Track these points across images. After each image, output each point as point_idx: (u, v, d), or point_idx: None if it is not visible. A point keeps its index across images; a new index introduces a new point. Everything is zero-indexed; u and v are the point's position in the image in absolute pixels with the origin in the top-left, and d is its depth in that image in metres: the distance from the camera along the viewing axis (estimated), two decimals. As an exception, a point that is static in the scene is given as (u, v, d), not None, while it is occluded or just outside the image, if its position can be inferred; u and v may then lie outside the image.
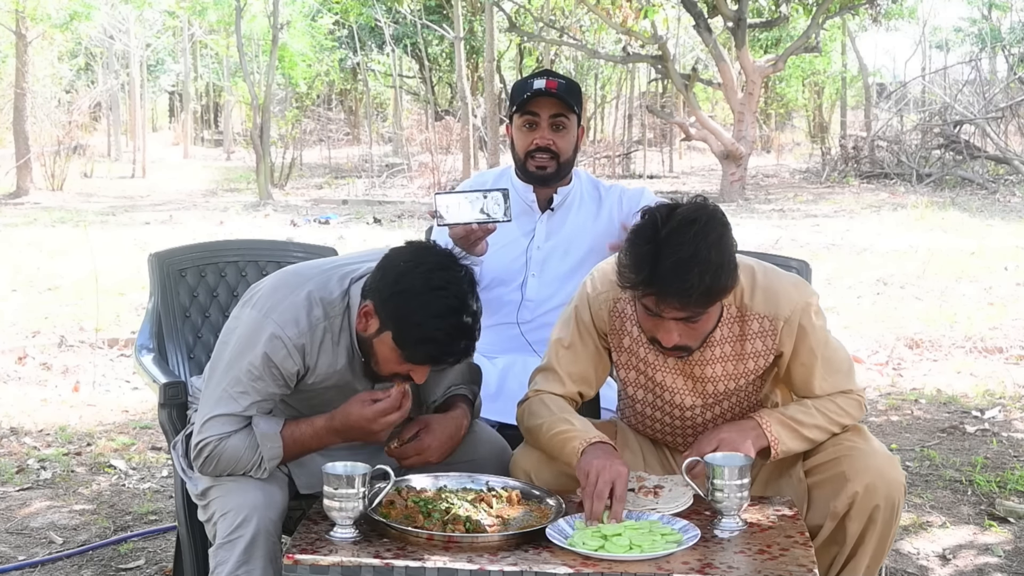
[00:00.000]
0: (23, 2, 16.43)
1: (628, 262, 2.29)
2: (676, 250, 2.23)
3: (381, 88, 30.84)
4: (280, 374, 2.42)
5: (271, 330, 2.40)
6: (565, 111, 3.17)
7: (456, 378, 2.69)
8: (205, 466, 2.44)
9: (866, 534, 2.46)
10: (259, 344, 2.40)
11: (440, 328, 2.27)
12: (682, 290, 2.25)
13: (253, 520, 2.36)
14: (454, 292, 2.29)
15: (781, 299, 2.49)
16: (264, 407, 2.45)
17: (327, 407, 2.52)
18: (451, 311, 2.28)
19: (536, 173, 3.20)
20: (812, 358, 2.53)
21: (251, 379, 2.41)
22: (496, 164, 17.01)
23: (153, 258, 3.14)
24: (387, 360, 2.38)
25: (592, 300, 2.59)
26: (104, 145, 25.42)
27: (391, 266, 2.36)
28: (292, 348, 2.40)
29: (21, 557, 3.61)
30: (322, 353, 2.45)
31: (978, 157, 18.10)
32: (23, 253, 10.52)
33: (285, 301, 2.44)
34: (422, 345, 2.31)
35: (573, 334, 2.62)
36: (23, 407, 5.42)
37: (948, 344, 6.71)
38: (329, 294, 2.45)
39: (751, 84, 16.36)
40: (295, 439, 2.45)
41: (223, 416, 2.42)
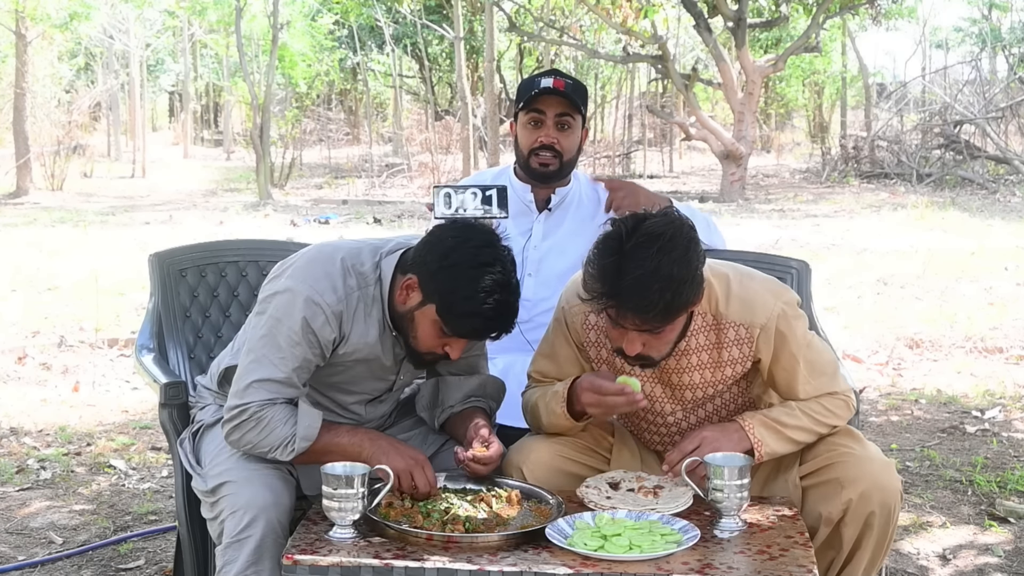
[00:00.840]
0: (23, 2, 16.43)
1: (592, 273, 2.31)
2: (639, 264, 2.25)
3: (381, 88, 30.85)
4: (317, 341, 2.43)
5: (309, 295, 2.43)
6: (571, 110, 3.17)
7: (477, 389, 2.70)
8: (237, 431, 2.43)
9: (862, 540, 2.45)
10: (297, 310, 2.42)
11: (488, 303, 2.31)
12: (641, 305, 2.27)
13: (262, 520, 2.36)
14: (500, 268, 2.34)
15: (757, 307, 2.49)
16: (303, 376, 2.46)
17: (353, 384, 2.56)
18: (498, 286, 2.32)
19: (539, 170, 3.21)
20: (793, 362, 2.51)
21: (290, 344, 2.42)
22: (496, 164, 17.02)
23: (153, 258, 3.14)
24: (426, 334, 2.41)
25: (567, 313, 2.62)
26: (104, 145, 25.43)
27: (438, 241, 2.40)
28: (330, 314, 2.43)
29: (21, 557, 3.61)
30: (355, 322, 2.47)
31: (978, 157, 18.11)
32: (23, 253, 10.52)
33: (320, 270, 2.47)
34: (468, 319, 2.34)
35: (555, 347, 2.67)
36: (23, 407, 5.42)
37: (948, 344, 6.72)
38: (361, 264, 2.49)
39: (751, 84, 16.36)
40: (331, 428, 2.45)
41: (265, 381, 2.42)
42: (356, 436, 2.45)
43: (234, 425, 2.44)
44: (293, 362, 2.43)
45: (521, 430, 3.11)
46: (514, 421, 3.12)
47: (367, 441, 2.43)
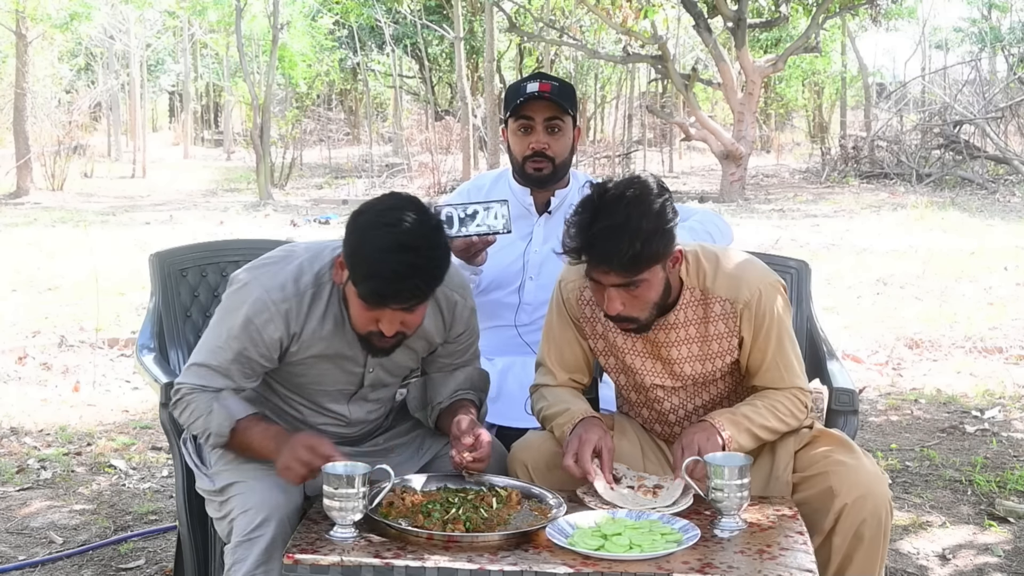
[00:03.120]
0: (23, 2, 16.44)
1: (566, 230, 2.40)
2: (609, 216, 2.33)
3: (381, 88, 30.86)
4: (261, 339, 2.42)
5: (256, 293, 2.42)
6: (559, 114, 3.16)
7: (464, 383, 2.69)
8: (176, 410, 2.49)
9: (853, 553, 2.45)
10: (244, 304, 2.42)
11: (385, 262, 2.24)
12: (611, 254, 2.33)
13: (274, 520, 2.36)
14: (404, 229, 2.25)
15: (742, 283, 2.55)
16: (243, 372, 2.44)
17: (322, 383, 2.54)
18: (398, 247, 2.24)
19: (534, 176, 3.20)
20: (767, 343, 2.56)
21: (230, 336, 2.42)
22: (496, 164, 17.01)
23: (154, 258, 3.14)
24: (355, 310, 2.38)
25: (562, 288, 2.68)
26: (104, 145, 25.43)
27: (356, 210, 2.38)
28: (276, 312, 2.41)
29: (21, 557, 3.61)
30: (309, 320, 2.45)
31: (978, 157, 18.11)
32: (23, 253, 10.52)
33: (275, 268, 2.47)
34: (369, 280, 2.28)
35: (554, 325, 2.71)
36: (23, 407, 5.43)
37: (948, 344, 6.72)
38: (321, 263, 2.48)
39: (751, 84, 16.37)
40: (246, 427, 2.42)
41: (200, 366, 2.45)
42: (267, 436, 2.41)
43: (172, 403, 2.50)
44: (228, 353, 2.43)
45: (521, 430, 3.12)
46: (514, 421, 3.13)
47: (273, 442, 2.39)
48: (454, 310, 2.59)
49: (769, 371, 2.58)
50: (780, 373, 2.58)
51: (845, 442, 2.58)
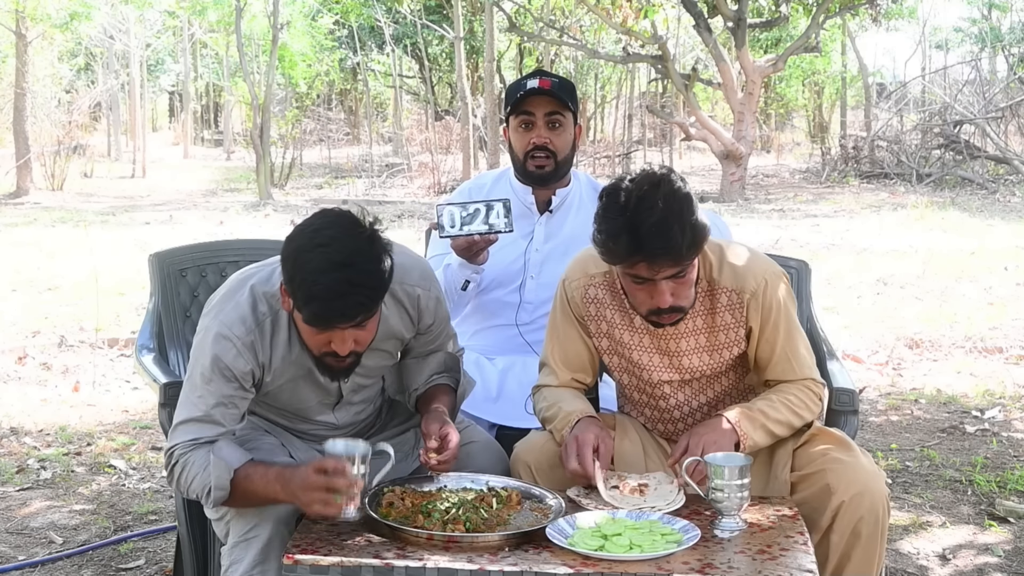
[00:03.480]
0: (23, 2, 16.43)
1: (606, 238, 2.36)
2: (650, 213, 2.32)
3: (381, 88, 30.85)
4: (233, 375, 2.38)
5: (217, 331, 2.39)
6: (560, 109, 3.16)
7: (437, 367, 2.69)
8: (171, 477, 2.40)
9: (851, 551, 2.45)
10: (208, 347, 2.38)
11: (320, 283, 2.20)
12: (671, 247, 2.33)
13: (269, 521, 2.36)
14: (337, 248, 2.22)
15: (748, 274, 2.56)
16: (228, 413, 2.40)
17: (303, 401, 2.53)
18: (333, 266, 2.20)
19: (535, 173, 3.20)
20: (775, 333, 2.57)
21: (204, 382, 2.38)
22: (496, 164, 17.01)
23: (154, 258, 3.14)
24: (306, 333, 2.35)
25: (567, 287, 2.68)
26: (104, 145, 25.42)
27: (288, 236, 2.33)
28: (241, 347, 2.38)
29: (21, 557, 3.61)
30: (275, 347, 2.43)
31: (978, 157, 18.11)
32: (23, 253, 10.52)
33: (231, 302, 2.43)
34: (311, 304, 2.24)
35: (558, 324, 2.70)
36: (23, 407, 5.43)
37: (948, 344, 6.72)
38: (272, 287, 2.43)
39: (751, 84, 16.36)
40: (246, 475, 2.34)
41: (186, 422, 2.39)
42: (268, 480, 2.32)
43: (168, 472, 2.41)
44: (210, 399, 2.38)
45: (520, 430, 3.11)
46: (514, 421, 3.13)
47: (278, 485, 2.31)
48: (418, 304, 2.56)
49: (779, 363, 2.59)
50: (790, 365, 2.59)
51: (843, 440, 2.58)
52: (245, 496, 2.35)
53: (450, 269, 3.05)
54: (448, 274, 3.04)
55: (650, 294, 2.43)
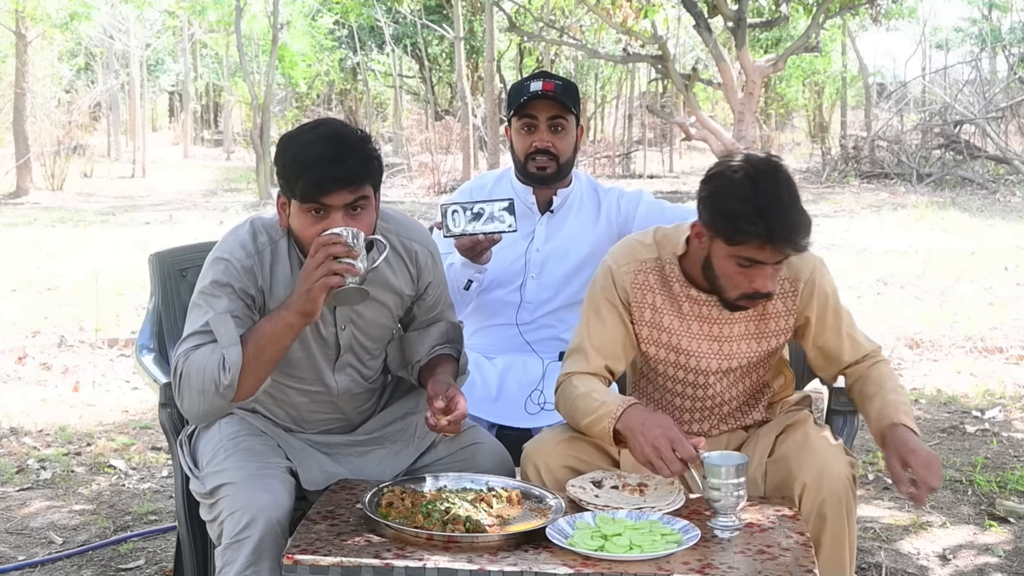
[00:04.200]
0: (23, 2, 16.43)
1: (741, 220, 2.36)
2: (777, 199, 2.37)
3: (381, 88, 30.86)
4: (234, 291, 2.42)
5: (216, 255, 2.47)
6: (563, 113, 3.16)
7: (439, 337, 2.71)
8: (179, 384, 2.42)
9: (820, 535, 2.46)
10: (209, 271, 2.46)
11: (315, 152, 2.34)
12: (797, 234, 2.37)
13: (260, 521, 2.35)
14: (327, 126, 2.41)
15: (800, 262, 2.60)
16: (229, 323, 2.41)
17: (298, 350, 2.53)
18: (326, 139, 2.35)
19: (536, 175, 3.20)
20: (837, 320, 2.65)
21: (207, 300, 2.43)
22: (496, 164, 17.00)
23: (154, 258, 3.14)
24: (301, 225, 2.39)
25: (616, 273, 2.65)
26: (104, 145, 25.43)
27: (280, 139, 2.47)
28: (240, 268, 2.44)
29: (21, 557, 3.61)
30: (275, 276, 2.48)
31: (978, 157, 18.11)
32: (23, 253, 10.52)
33: (230, 235, 2.52)
34: (305, 173, 2.33)
35: (599, 310, 2.67)
36: (23, 407, 5.43)
37: (948, 344, 6.72)
38: (273, 220, 2.52)
39: (751, 84, 16.36)
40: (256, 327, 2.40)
41: (187, 337, 2.43)
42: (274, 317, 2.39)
43: (176, 389, 2.44)
44: (211, 312, 2.42)
45: (520, 430, 3.12)
46: (514, 421, 3.13)
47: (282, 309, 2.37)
48: (416, 260, 2.62)
49: (848, 346, 2.66)
50: (857, 343, 2.67)
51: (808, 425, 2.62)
52: (259, 350, 2.37)
53: (453, 269, 3.05)
54: (451, 274, 3.04)
55: (752, 278, 2.44)
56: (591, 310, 2.68)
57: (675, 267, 2.62)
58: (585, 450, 2.63)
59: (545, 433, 2.73)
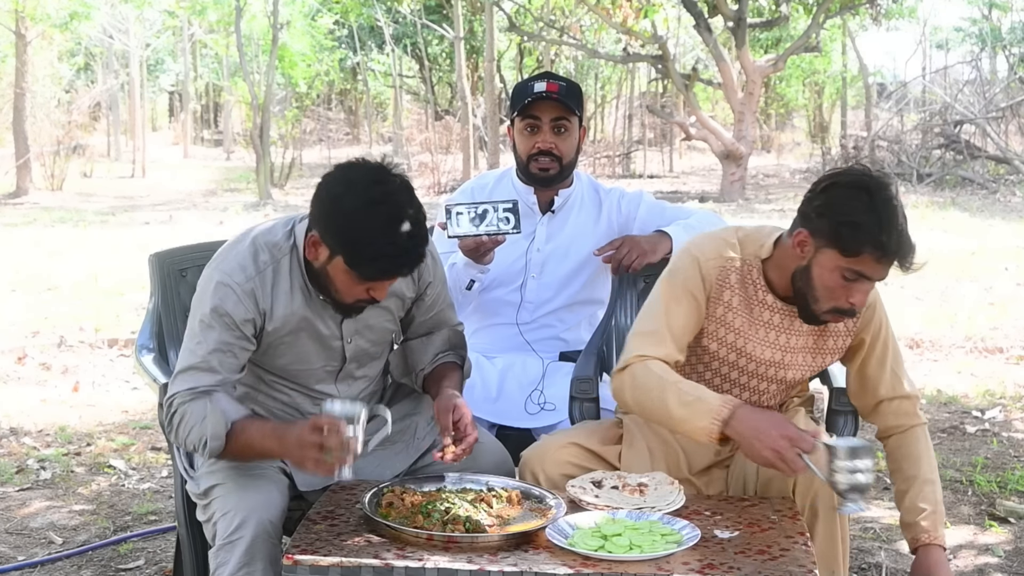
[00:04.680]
0: (23, 2, 16.43)
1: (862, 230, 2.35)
2: (892, 214, 2.37)
3: (381, 88, 30.84)
4: (233, 322, 2.41)
5: (217, 279, 2.43)
6: (567, 114, 3.17)
7: (442, 345, 2.70)
8: (171, 426, 2.42)
9: (812, 530, 2.47)
10: (208, 295, 2.43)
11: (389, 241, 2.29)
12: (911, 252, 2.38)
13: (252, 521, 2.35)
14: (393, 203, 2.30)
15: None
16: (227, 361, 2.42)
17: (304, 362, 2.53)
18: (395, 221, 2.28)
19: (539, 175, 3.21)
20: (885, 351, 2.64)
21: (204, 329, 2.41)
22: (496, 164, 17.00)
23: (153, 258, 3.14)
24: (345, 284, 2.39)
25: (703, 264, 2.60)
26: (104, 145, 25.41)
27: (327, 192, 2.36)
28: (241, 293, 2.42)
29: (21, 557, 3.61)
30: (276, 296, 2.46)
31: (978, 157, 18.11)
32: (23, 253, 10.52)
33: (231, 252, 2.48)
34: (375, 262, 2.32)
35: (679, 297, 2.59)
36: (23, 407, 5.42)
37: (948, 344, 6.72)
38: (274, 236, 2.49)
39: (751, 84, 16.36)
40: (243, 428, 2.38)
41: (185, 370, 2.42)
42: (264, 434, 2.38)
43: (167, 422, 2.44)
44: (208, 345, 2.41)
45: (520, 430, 3.12)
46: (514, 421, 3.13)
47: (274, 440, 2.36)
48: None
49: (890, 380, 2.65)
50: (900, 381, 2.66)
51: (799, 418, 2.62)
52: (240, 450, 2.38)
53: (455, 268, 3.06)
54: (453, 274, 3.04)
55: (851, 292, 2.42)
56: (671, 297, 2.60)
57: (756, 270, 2.59)
58: (584, 456, 2.63)
59: (544, 440, 2.73)
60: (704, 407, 2.40)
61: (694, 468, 2.68)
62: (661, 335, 2.56)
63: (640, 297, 3.20)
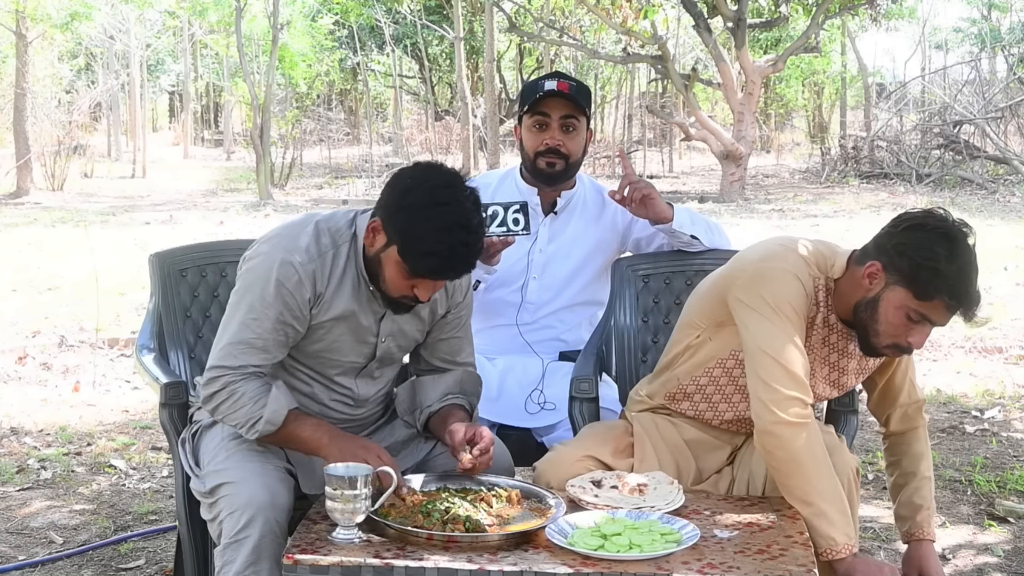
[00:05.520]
0: (23, 2, 16.44)
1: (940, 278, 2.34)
2: (972, 271, 2.38)
3: (381, 88, 30.86)
4: (295, 300, 2.44)
5: (281, 257, 2.45)
6: (575, 113, 3.18)
7: (454, 386, 2.68)
8: (211, 400, 2.46)
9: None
10: (272, 270, 2.44)
11: (443, 241, 2.32)
12: (977, 305, 2.39)
13: (259, 520, 2.35)
14: (457, 208, 2.34)
15: None
16: (279, 338, 2.46)
17: (335, 352, 2.55)
18: (455, 226, 2.32)
19: (545, 171, 3.21)
20: (908, 362, 2.67)
21: (264, 305, 2.43)
22: (496, 164, 17.02)
23: (154, 258, 3.14)
24: (393, 276, 2.41)
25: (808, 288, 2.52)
26: (104, 145, 25.43)
27: (398, 183, 2.43)
28: (304, 273, 2.44)
29: (21, 557, 3.61)
30: (331, 280, 2.48)
31: (978, 157, 18.11)
32: (23, 253, 10.52)
33: (294, 231, 2.51)
34: (426, 258, 2.34)
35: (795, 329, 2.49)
36: (23, 407, 5.43)
37: (948, 344, 6.72)
38: (336, 223, 2.52)
39: (751, 84, 16.37)
40: (297, 418, 2.45)
41: (237, 343, 2.44)
42: (318, 431, 2.44)
43: (209, 393, 2.46)
44: (267, 323, 2.43)
45: (520, 430, 3.12)
46: (514, 421, 3.13)
47: (327, 437, 2.42)
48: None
49: (906, 389, 2.70)
50: (914, 387, 2.72)
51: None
52: (287, 437, 2.45)
53: None
54: None
55: (912, 332, 2.42)
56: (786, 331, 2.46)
57: (826, 288, 2.54)
58: (595, 465, 2.63)
59: (558, 450, 2.71)
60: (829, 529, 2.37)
61: (705, 475, 2.68)
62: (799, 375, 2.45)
63: (640, 296, 3.19)
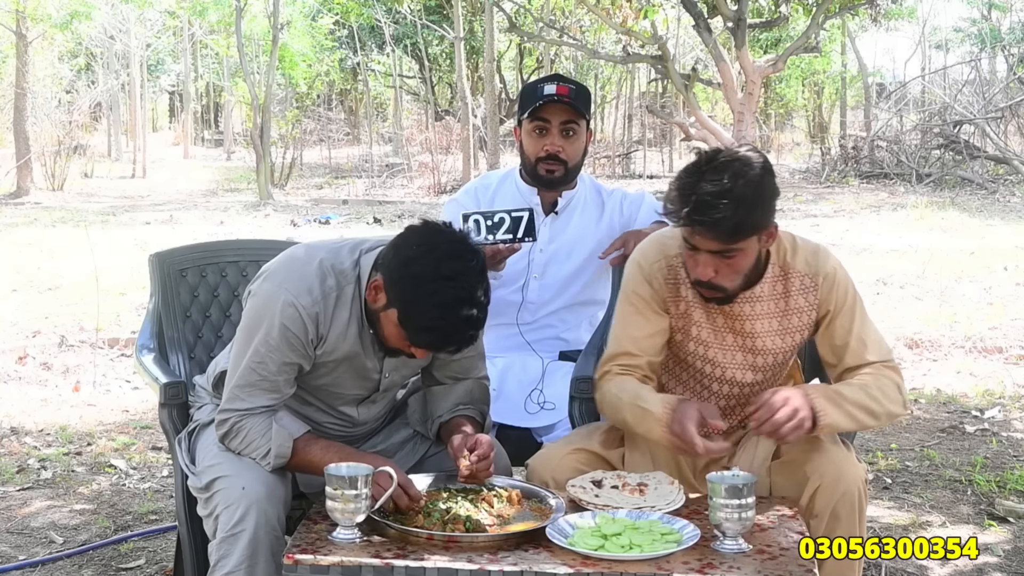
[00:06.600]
0: (23, 2, 16.44)
1: (673, 195, 2.43)
2: (714, 183, 2.37)
3: (381, 88, 30.85)
4: (299, 342, 2.43)
5: (285, 298, 2.42)
6: (575, 117, 3.18)
7: (464, 396, 2.66)
8: (225, 439, 2.49)
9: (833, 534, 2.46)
10: (275, 314, 2.42)
11: (444, 318, 2.27)
12: (714, 220, 2.37)
13: (254, 513, 2.36)
14: (462, 283, 2.27)
15: (820, 258, 2.63)
16: (286, 377, 2.46)
17: (338, 387, 2.54)
18: (457, 302, 2.26)
19: (546, 177, 3.22)
20: (850, 318, 2.62)
21: (268, 349, 2.43)
22: (496, 164, 17.02)
23: (154, 258, 3.14)
24: (392, 336, 2.40)
25: (643, 267, 2.66)
26: (104, 145, 25.43)
27: (404, 246, 2.35)
28: (307, 317, 2.42)
29: (21, 557, 3.61)
30: (335, 322, 2.46)
31: (978, 157, 18.11)
32: (23, 253, 10.52)
33: (298, 271, 2.46)
34: (425, 332, 2.32)
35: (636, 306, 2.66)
36: (23, 407, 5.43)
37: (948, 344, 6.72)
38: (341, 263, 2.48)
39: (751, 84, 16.35)
40: (306, 444, 2.45)
41: (245, 387, 2.45)
42: (329, 454, 2.41)
43: (220, 435, 2.50)
44: (272, 365, 2.43)
45: (520, 429, 3.12)
46: (514, 420, 3.14)
47: (337, 458, 2.37)
48: None
49: (855, 347, 2.61)
50: (865, 347, 2.61)
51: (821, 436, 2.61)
52: (300, 464, 2.46)
53: None
54: None
55: (695, 262, 2.48)
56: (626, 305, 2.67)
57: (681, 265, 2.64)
58: (590, 460, 2.64)
59: (548, 447, 2.73)
60: (652, 418, 2.49)
61: (696, 468, 2.68)
62: (622, 345, 2.66)
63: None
